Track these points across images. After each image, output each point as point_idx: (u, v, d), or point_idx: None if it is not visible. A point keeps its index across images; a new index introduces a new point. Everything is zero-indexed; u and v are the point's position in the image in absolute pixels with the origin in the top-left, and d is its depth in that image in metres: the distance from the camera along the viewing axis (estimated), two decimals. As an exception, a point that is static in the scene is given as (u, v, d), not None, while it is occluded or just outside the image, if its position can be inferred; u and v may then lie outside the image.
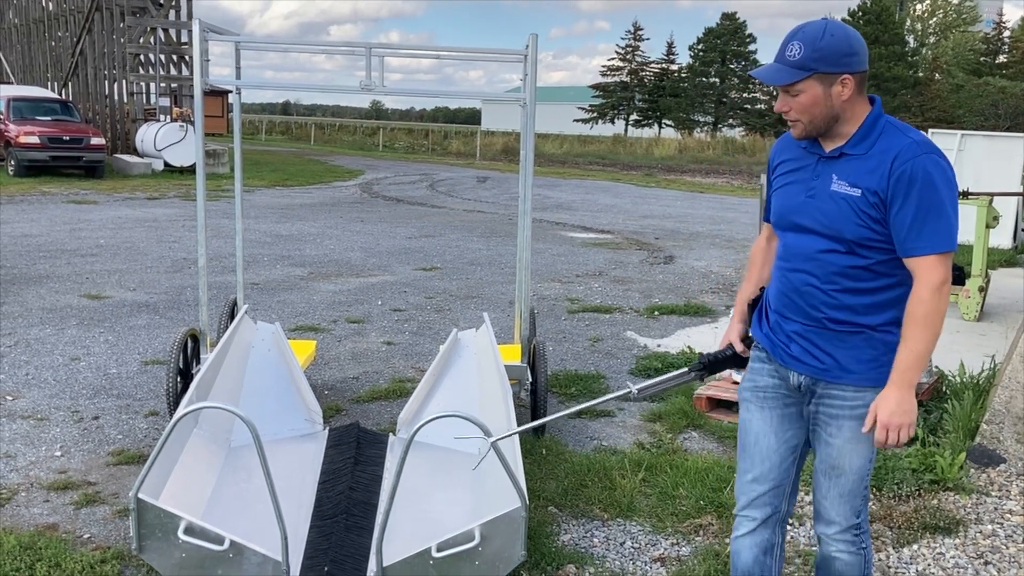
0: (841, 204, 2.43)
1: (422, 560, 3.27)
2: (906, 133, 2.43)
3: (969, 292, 8.30)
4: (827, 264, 2.48)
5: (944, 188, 2.36)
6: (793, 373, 2.59)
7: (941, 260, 2.36)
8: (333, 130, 56.31)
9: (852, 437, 2.52)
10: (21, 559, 3.35)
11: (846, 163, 2.46)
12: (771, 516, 2.72)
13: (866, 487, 2.62)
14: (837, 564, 2.67)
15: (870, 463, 2.58)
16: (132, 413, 5.13)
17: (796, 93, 2.44)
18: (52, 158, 19.30)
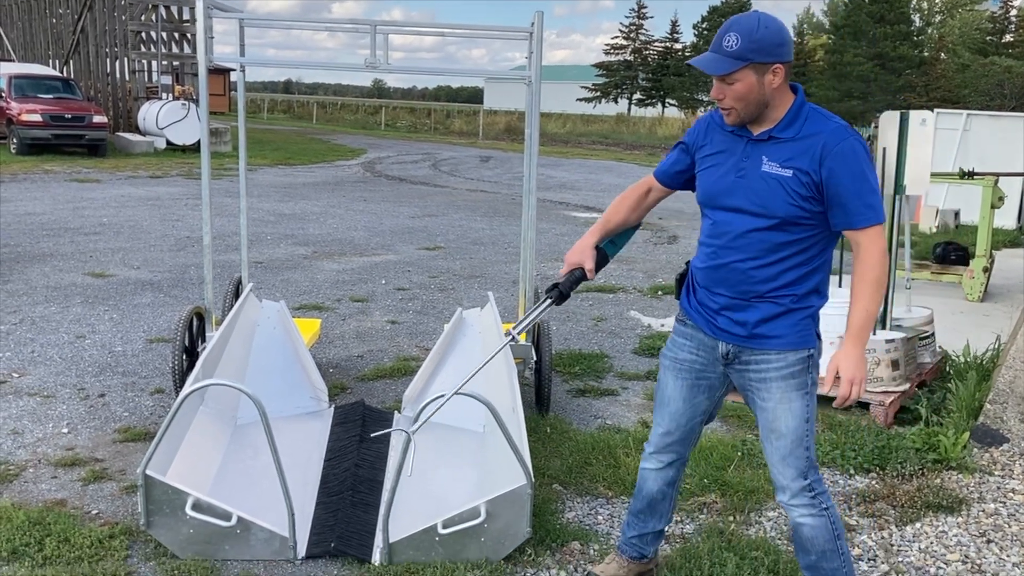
0: (772, 184, 2.60)
1: (428, 536, 3.30)
2: (829, 119, 2.64)
3: (973, 272, 8.30)
4: (757, 241, 2.65)
5: (867, 166, 2.59)
6: (721, 343, 2.78)
7: (880, 230, 2.61)
8: (335, 109, 56.12)
9: (783, 398, 2.70)
10: (31, 534, 3.38)
11: (775, 146, 2.62)
12: (676, 460, 3.06)
13: (808, 448, 2.73)
14: (804, 530, 2.78)
15: (807, 423, 2.71)
16: (138, 391, 5.15)
17: (732, 82, 2.59)
18: (54, 136, 19.25)
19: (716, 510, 3.85)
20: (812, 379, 2.73)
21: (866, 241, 2.60)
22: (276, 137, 29.75)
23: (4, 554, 3.26)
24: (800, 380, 2.69)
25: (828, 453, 4.39)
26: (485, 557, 3.30)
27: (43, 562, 3.22)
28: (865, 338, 2.61)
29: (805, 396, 2.69)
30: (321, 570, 3.27)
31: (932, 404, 4.88)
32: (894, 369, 5.04)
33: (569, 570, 3.33)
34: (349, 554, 3.34)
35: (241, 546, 3.31)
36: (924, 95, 48.65)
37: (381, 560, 3.30)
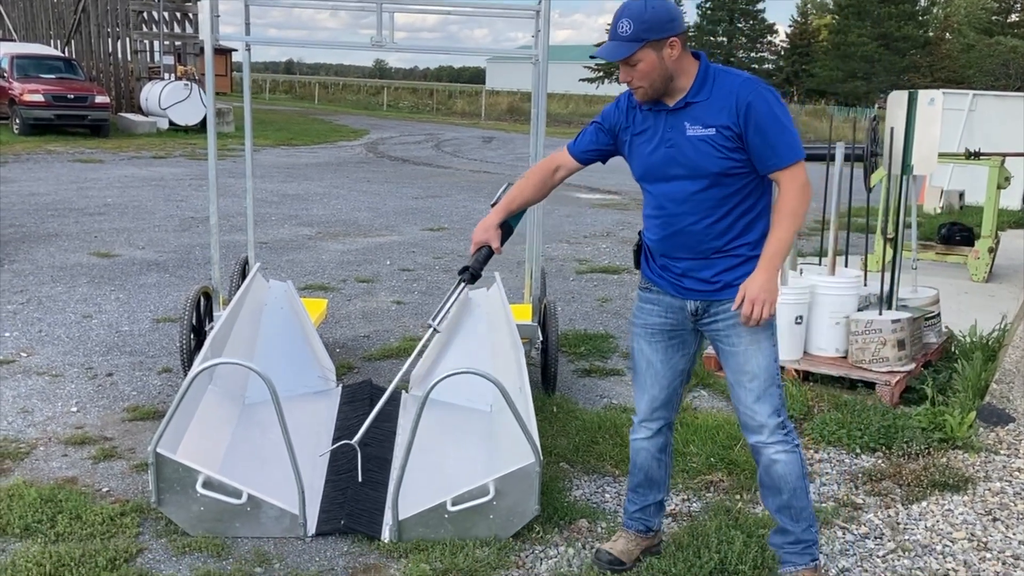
0: (700, 145, 2.79)
1: (437, 514, 3.32)
2: (736, 74, 2.83)
3: (979, 253, 8.29)
4: (701, 201, 2.84)
5: (780, 110, 2.76)
6: (689, 302, 2.96)
7: (799, 167, 2.77)
8: (337, 89, 55.90)
9: (752, 342, 2.88)
10: (43, 511, 3.40)
11: (693, 110, 2.80)
12: (664, 425, 3.16)
13: (779, 385, 2.91)
14: (778, 467, 2.92)
15: (776, 362, 2.90)
16: (145, 370, 5.17)
17: (635, 63, 2.77)
18: (57, 116, 19.20)
19: (723, 489, 3.87)
20: (774, 319, 2.92)
21: (785, 178, 2.78)
22: (278, 117, 29.66)
23: (17, 530, 3.28)
24: (766, 322, 2.83)
25: (834, 432, 4.40)
26: (494, 534, 3.33)
27: (56, 539, 3.25)
28: (776, 264, 2.78)
29: (771, 336, 2.90)
30: (331, 547, 3.30)
31: (938, 384, 4.89)
32: (900, 349, 5.05)
33: (577, 547, 3.35)
34: (359, 531, 3.36)
35: (251, 524, 3.33)
36: (929, 75, 48.39)
37: (391, 537, 3.32)
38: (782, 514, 2.99)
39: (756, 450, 2.96)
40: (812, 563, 3.00)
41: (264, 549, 3.25)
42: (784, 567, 3.04)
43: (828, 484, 3.97)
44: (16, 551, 3.16)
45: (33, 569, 3.01)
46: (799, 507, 2.96)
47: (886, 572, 3.26)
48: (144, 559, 3.17)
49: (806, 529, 2.99)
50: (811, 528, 3.00)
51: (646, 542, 3.27)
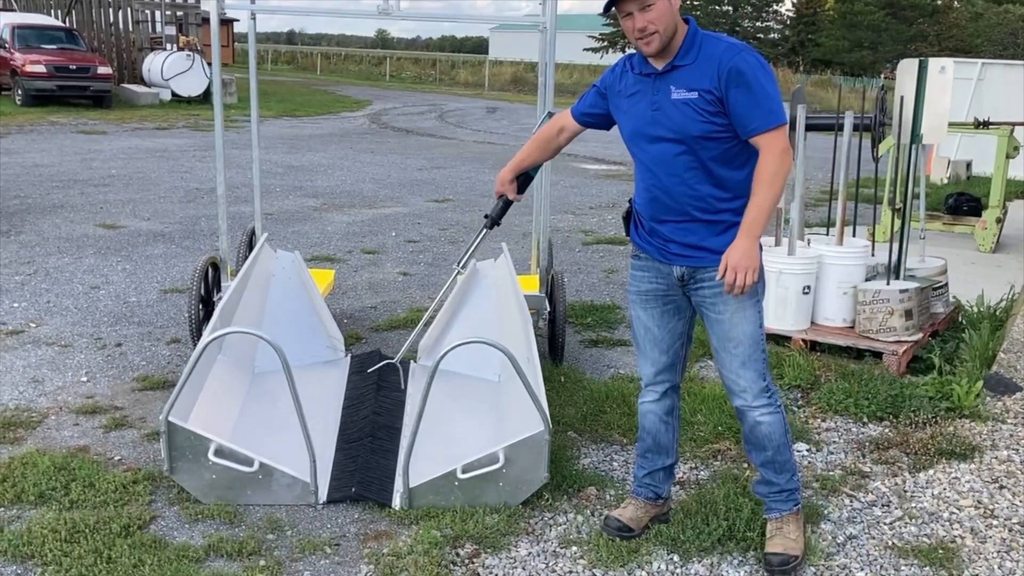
0: (683, 108, 2.83)
1: (447, 481, 3.35)
2: (721, 39, 2.85)
3: (986, 223, 8.26)
4: (683, 165, 2.88)
5: (763, 75, 2.78)
6: (675, 267, 3.00)
7: (779, 132, 2.78)
8: (339, 60, 55.55)
9: (737, 309, 2.92)
10: (56, 479, 3.43)
11: (679, 74, 2.84)
12: (669, 388, 3.22)
13: (763, 351, 2.98)
14: (762, 428, 3.03)
15: (760, 328, 2.96)
16: (154, 340, 5.18)
17: (650, 4, 2.77)
18: (59, 87, 19.12)
19: (730, 457, 3.89)
20: (761, 287, 2.97)
21: (764, 142, 2.79)
22: (281, 88, 29.51)
23: (32, 498, 3.32)
24: (751, 289, 2.85)
25: (841, 401, 4.42)
26: (503, 502, 3.35)
27: (70, 506, 3.28)
28: (756, 231, 2.80)
29: (756, 304, 2.95)
30: (342, 514, 3.33)
31: (945, 353, 4.90)
32: (907, 319, 5.05)
33: (586, 515, 3.38)
34: (369, 499, 3.39)
35: (263, 491, 3.36)
36: (936, 44, 47.95)
37: (401, 504, 3.35)
38: (766, 468, 3.12)
39: (741, 412, 3.06)
40: (795, 507, 3.15)
41: (276, 516, 3.28)
42: (770, 513, 3.17)
43: (835, 453, 3.99)
44: (31, 518, 3.19)
45: (49, 536, 3.04)
46: (782, 461, 3.09)
47: (893, 539, 3.28)
48: (157, 526, 3.20)
49: (789, 479, 3.12)
50: (793, 478, 3.14)
51: (655, 509, 3.31)
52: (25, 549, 2.99)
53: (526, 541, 3.19)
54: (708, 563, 3.10)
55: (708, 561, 3.11)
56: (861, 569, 3.09)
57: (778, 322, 5.25)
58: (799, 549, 3.07)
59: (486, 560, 3.06)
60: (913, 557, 3.16)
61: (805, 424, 4.27)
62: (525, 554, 3.11)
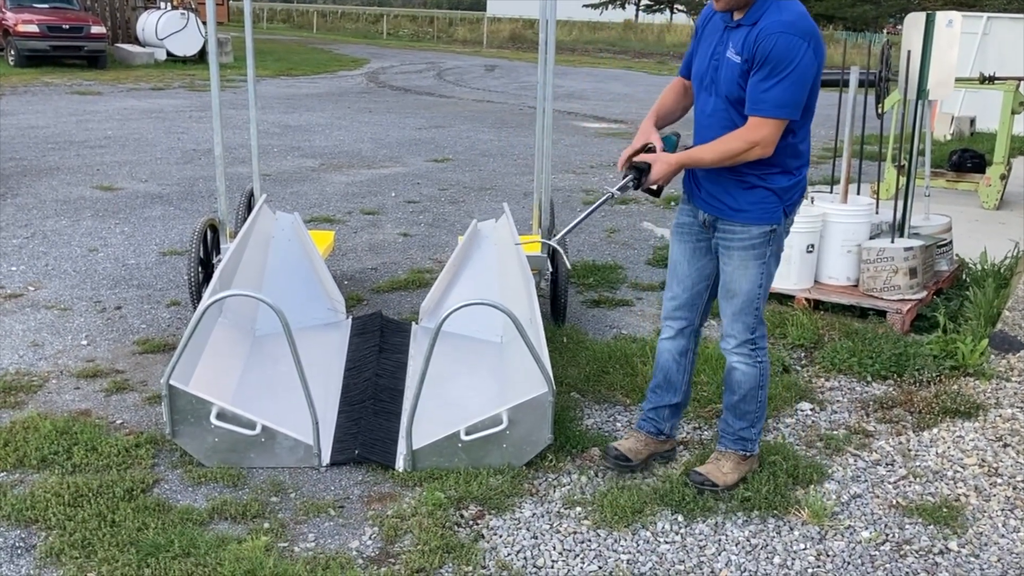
0: (729, 66, 2.91)
1: (451, 443, 3.34)
2: (782, 11, 2.82)
3: (990, 180, 8.19)
4: (720, 119, 2.97)
5: (788, 65, 2.78)
6: (701, 212, 3.17)
7: (761, 123, 2.85)
8: (336, 17, 54.86)
9: (740, 264, 3.08)
10: (59, 443, 3.42)
11: (737, 32, 2.90)
12: (686, 327, 3.35)
13: (757, 308, 3.13)
14: (736, 374, 3.23)
15: (760, 288, 3.10)
16: (154, 303, 5.16)
17: None
18: (52, 48, 18.86)
19: (734, 417, 3.88)
20: (771, 251, 3.08)
21: (749, 123, 2.89)
22: (277, 47, 29.17)
23: (34, 462, 3.31)
24: (759, 251, 3.05)
25: (845, 360, 4.40)
26: (507, 463, 3.35)
27: (72, 470, 3.27)
28: (683, 160, 3.00)
29: (762, 265, 3.07)
30: (346, 476, 3.32)
31: (949, 312, 4.87)
32: (911, 277, 5.02)
33: (590, 475, 3.38)
34: (373, 461, 3.39)
35: (266, 454, 3.35)
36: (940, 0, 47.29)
37: (405, 467, 3.34)
38: (729, 410, 3.30)
39: (723, 353, 3.26)
40: (741, 451, 3.30)
41: (279, 479, 3.28)
42: (718, 445, 3.37)
43: (839, 412, 3.98)
44: (34, 482, 3.19)
45: (52, 499, 3.04)
46: (745, 410, 3.26)
47: (897, 498, 3.28)
48: (161, 489, 3.20)
49: (746, 428, 3.28)
50: (751, 428, 3.28)
51: (656, 445, 3.43)
52: (29, 513, 2.98)
53: (530, 502, 3.19)
54: (712, 523, 3.10)
55: (712, 521, 3.11)
56: (865, 528, 3.09)
57: (782, 281, 5.21)
58: (722, 480, 3.24)
59: (490, 521, 3.06)
60: (917, 516, 3.16)
61: (809, 383, 4.26)
62: (529, 515, 3.11)
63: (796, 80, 2.81)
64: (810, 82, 2.86)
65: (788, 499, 3.21)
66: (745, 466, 3.31)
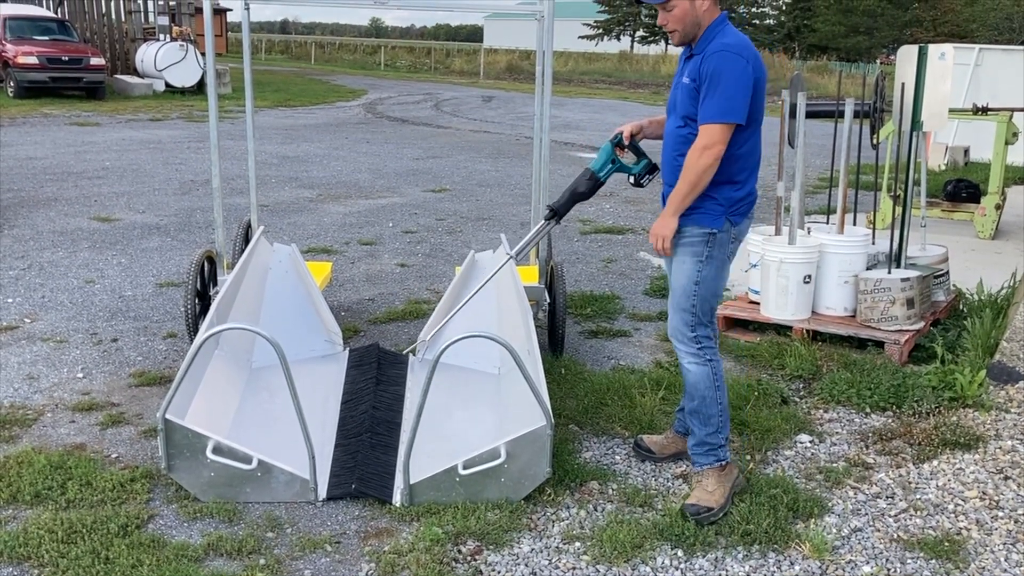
0: (684, 91, 3.27)
1: (448, 477, 3.31)
2: (725, 37, 3.19)
3: (985, 210, 8.22)
4: (676, 138, 3.33)
5: (727, 77, 3.11)
6: None
7: (709, 128, 3.14)
8: (333, 49, 55.29)
9: (679, 261, 3.36)
10: (53, 478, 3.39)
11: (691, 62, 3.26)
12: None
13: (694, 306, 3.34)
14: (690, 376, 3.41)
15: (695, 285, 3.32)
16: (150, 335, 5.14)
17: (671, 8, 3.23)
18: (52, 79, 18.97)
19: (733, 449, 3.85)
20: (709, 253, 3.30)
21: (698, 135, 3.18)
22: (275, 78, 29.37)
23: (28, 497, 3.28)
24: (696, 250, 3.31)
25: (844, 391, 4.39)
26: (505, 497, 3.32)
27: (67, 505, 3.24)
28: (671, 209, 3.26)
29: (697, 263, 3.31)
30: (342, 511, 3.29)
31: (947, 342, 4.87)
32: (909, 307, 5.02)
33: (588, 509, 3.35)
34: (370, 495, 3.36)
35: (262, 489, 3.32)
36: (932, 30, 47.83)
37: (402, 501, 3.32)
38: (692, 417, 3.43)
39: (677, 352, 3.46)
40: (716, 463, 3.39)
41: (275, 514, 3.25)
42: (694, 467, 3.46)
43: (839, 444, 3.96)
44: (28, 518, 3.15)
45: (45, 536, 3.01)
46: (707, 414, 3.39)
47: (898, 532, 3.26)
48: (156, 525, 3.16)
49: (712, 434, 3.39)
50: (717, 434, 3.40)
51: (683, 444, 3.66)
52: (22, 550, 2.95)
53: (529, 537, 3.16)
54: (712, 558, 3.07)
55: (712, 556, 3.08)
56: (867, 562, 3.07)
57: (779, 311, 5.22)
58: (714, 501, 3.29)
59: (488, 557, 3.03)
60: (919, 550, 3.13)
61: (808, 415, 4.24)
62: (528, 550, 3.08)
63: (735, 87, 3.12)
64: (750, 89, 3.14)
65: (788, 533, 3.19)
66: (726, 478, 3.38)
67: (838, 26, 52.96)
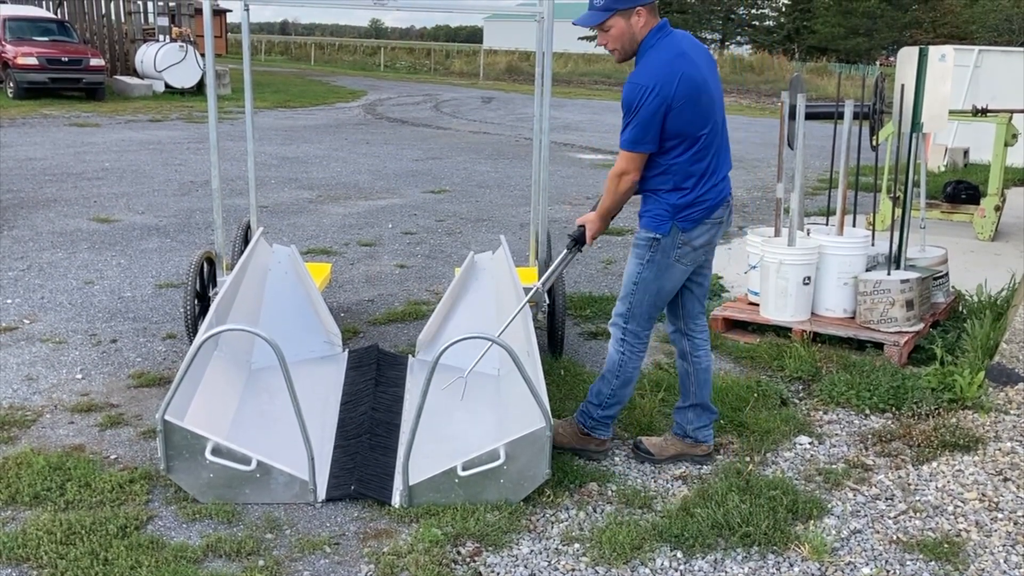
0: None
1: (448, 479, 3.31)
2: (646, 59, 3.33)
3: (985, 211, 8.22)
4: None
5: (634, 109, 3.27)
6: None
7: (623, 155, 3.38)
8: (333, 50, 55.31)
9: (629, 259, 3.59)
10: (52, 479, 3.39)
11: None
12: (674, 331, 3.76)
13: (631, 304, 3.56)
14: (609, 354, 3.68)
15: (635, 285, 3.54)
16: (149, 336, 5.14)
17: (608, 28, 3.34)
18: (51, 80, 18.97)
19: (732, 451, 3.86)
20: (650, 258, 3.49)
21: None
22: (275, 79, 29.37)
23: (27, 498, 3.27)
24: (640, 252, 3.51)
25: (843, 393, 4.39)
26: (504, 498, 3.32)
27: (66, 506, 3.24)
28: (599, 213, 3.57)
29: (639, 265, 3.52)
30: (341, 513, 3.29)
31: (946, 344, 4.86)
32: (908, 309, 5.02)
33: (588, 510, 3.35)
34: (369, 497, 3.36)
35: (261, 490, 3.32)
36: (931, 31, 47.86)
37: (401, 502, 3.31)
38: (592, 386, 3.72)
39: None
40: (580, 423, 3.71)
41: (274, 515, 3.25)
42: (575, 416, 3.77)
43: (838, 445, 3.96)
44: (27, 519, 3.15)
45: (44, 537, 3.00)
46: (597, 389, 3.68)
47: (898, 533, 3.26)
48: (155, 526, 3.16)
49: (595, 407, 3.68)
50: (600, 409, 3.66)
51: (683, 446, 3.73)
52: (20, 552, 2.95)
53: (528, 538, 3.16)
54: (711, 559, 3.07)
55: (711, 557, 3.08)
56: (866, 564, 3.06)
57: (779, 313, 5.22)
58: (558, 439, 3.61)
59: (488, 558, 3.03)
60: (919, 551, 3.13)
61: (807, 416, 4.24)
62: (527, 552, 3.08)
63: (639, 118, 3.27)
64: (657, 116, 3.26)
65: (788, 534, 3.18)
66: (581, 442, 3.70)
67: (838, 28, 52.97)
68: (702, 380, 3.73)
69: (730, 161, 3.58)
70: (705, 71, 3.37)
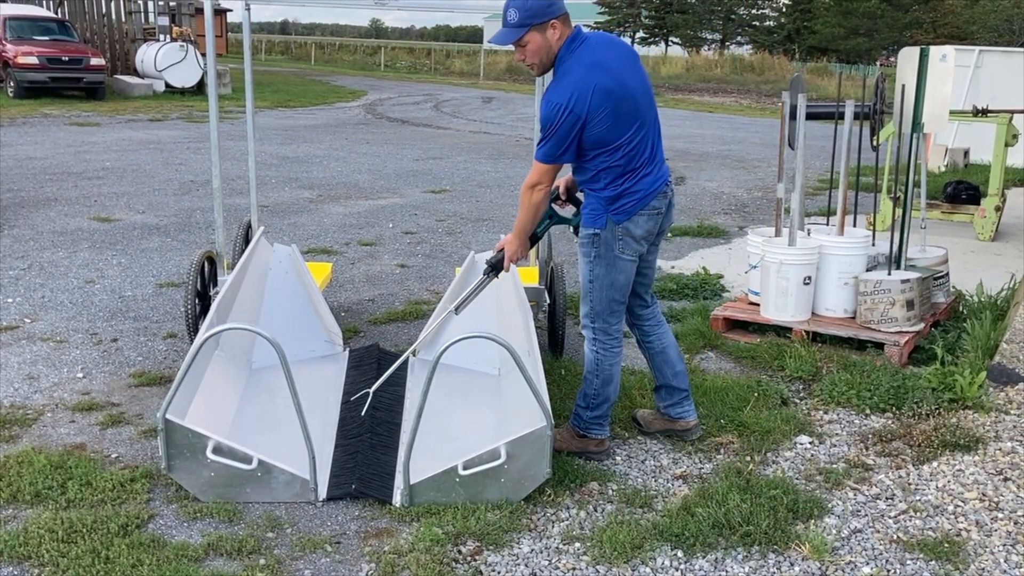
0: None
1: (448, 478, 3.31)
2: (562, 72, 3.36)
3: (985, 211, 8.23)
4: None
5: (547, 124, 3.32)
6: None
7: (536, 167, 3.43)
8: (333, 49, 55.34)
9: (580, 258, 3.66)
10: (53, 477, 3.39)
11: None
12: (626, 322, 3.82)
13: (592, 302, 3.63)
14: (585, 355, 3.74)
15: (591, 283, 3.61)
16: (150, 335, 5.14)
17: (524, 44, 3.38)
18: (52, 79, 18.99)
19: (733, 450, 3.86)
20: (596, 253, 3.55)
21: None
22: (275, 79, 29.38)
23: (28, 497, 3.28)
24: (585, 251, 3.58)
25: (844, 393, 4.39)
26: (505, 498, 3.32)
27: (67, 505, 3.24)
28: (516, 232, 3.61)
29: (588, 263, 3.59)
30: (342, 512, 3.29)
31: (947, 344, 4.87)
32: (909, 309, 5.02)
33: (588, 510, 3.35)
34: (370, 496, 3.36)
35: (262, 489, 3.32)
36: (932, 32, 47.90)
37: (402, 502, 3.32)
38: (579, 388, 3.77)
39: None
40: (575, 429, 3.74)
41: (275, 514, 3.25)
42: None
43: (838, 445, 3.96)
44: (28, 518, 3.15)
45: (46, 536, 3.01)
46: (584, 390, 3.73)
47: (898, 533, 3.26)
48: (156, 525, 3.16)
49: (584, 409, 3.72)
50: (588, 411, 3.70)
51: (665, 421, 3.93)
52: (22, 550, 2.95)
53: (528, 537, 3.16)
54: (712, 558, 3.07)
55: (712, 556, 3.08)
56: (866, 563, 3.07)
57: (779, 313, 5.22)
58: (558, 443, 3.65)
59: (488, 557, 3.03)
60: (919, 551, 3.13)
61: (807, 416, 4.24)
62: (528, 551, 3.08)
63: (556, 137, 3.32)
64: (570, 131, 3.31)
65: (788, 534, 3.19)
66: (580, 444, 3.73)
67: (838, 28, 53.02)
68: (659, 363, 3.88)
69: (662, 152, 3.66)
70: (624, 75, 3.39)
